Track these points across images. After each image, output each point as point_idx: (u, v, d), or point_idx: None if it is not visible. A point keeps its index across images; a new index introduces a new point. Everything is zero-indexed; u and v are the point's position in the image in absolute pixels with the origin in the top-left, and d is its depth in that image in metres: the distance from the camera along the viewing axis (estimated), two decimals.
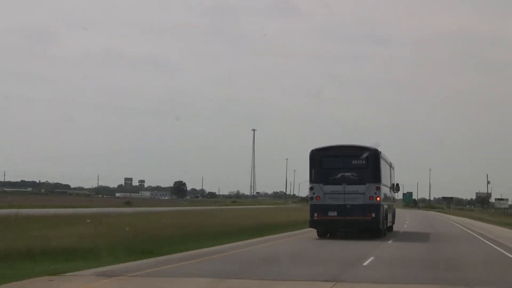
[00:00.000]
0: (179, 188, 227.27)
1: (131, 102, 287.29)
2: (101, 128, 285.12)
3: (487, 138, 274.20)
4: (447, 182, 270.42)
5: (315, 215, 31.83)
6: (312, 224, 32.31)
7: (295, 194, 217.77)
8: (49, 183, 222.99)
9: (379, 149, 32.75)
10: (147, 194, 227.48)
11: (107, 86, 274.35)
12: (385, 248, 27.37)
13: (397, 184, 41.92)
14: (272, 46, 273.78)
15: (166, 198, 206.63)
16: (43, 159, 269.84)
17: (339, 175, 31.64)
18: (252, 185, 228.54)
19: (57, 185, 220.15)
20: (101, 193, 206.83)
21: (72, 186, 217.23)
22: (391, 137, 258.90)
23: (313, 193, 31.98)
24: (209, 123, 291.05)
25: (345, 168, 31.76)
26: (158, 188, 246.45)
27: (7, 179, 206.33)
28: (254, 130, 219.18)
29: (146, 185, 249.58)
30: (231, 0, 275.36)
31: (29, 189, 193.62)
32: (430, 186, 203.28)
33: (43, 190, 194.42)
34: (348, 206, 31.30)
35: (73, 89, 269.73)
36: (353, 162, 31.89)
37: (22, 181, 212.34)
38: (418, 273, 18.11)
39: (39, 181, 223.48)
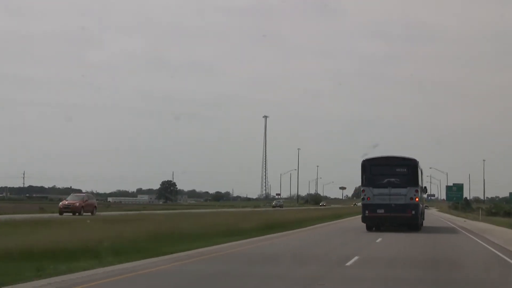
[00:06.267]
0: (166, 189, 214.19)
1: (129, 102, 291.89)
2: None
3: None
4: (500, 179, 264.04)
5: (366, 212, 39.40)
6: (364, 219, 39.91)
7: (318, 193, 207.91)
8: (57, 187, 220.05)
9: (417, 159, 40.49)
10: (144, 198, 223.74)
11: (144, 90, 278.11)
12: None
13: (425, 187, 50.24)
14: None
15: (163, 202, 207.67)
16: (48, 160, 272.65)
17: (386, 180, 39.10)
18: (264, 185, 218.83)
19: (68, 190, 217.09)
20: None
21: (84, 190, 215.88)
22: (430, 133, 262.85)
23: (365, 195, 39.54)
24: (226, 124, 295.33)
25: (390, 174, 39.19)
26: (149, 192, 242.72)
27: (18, 184, 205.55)
28: (266, 116, 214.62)
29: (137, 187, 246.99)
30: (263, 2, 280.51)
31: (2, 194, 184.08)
32: (484, 182, 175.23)
33: (27, 195, 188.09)
34: (392, 205, 38.71)
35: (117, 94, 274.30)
36: (397, 170, 39.39)
37: (29, 186, 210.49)
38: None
39: (56, 186, 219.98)
